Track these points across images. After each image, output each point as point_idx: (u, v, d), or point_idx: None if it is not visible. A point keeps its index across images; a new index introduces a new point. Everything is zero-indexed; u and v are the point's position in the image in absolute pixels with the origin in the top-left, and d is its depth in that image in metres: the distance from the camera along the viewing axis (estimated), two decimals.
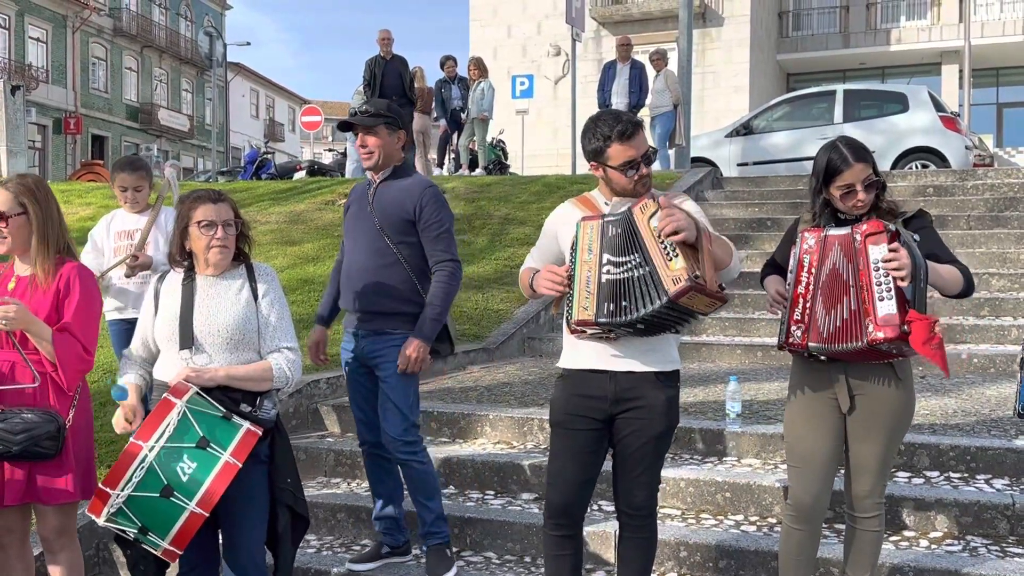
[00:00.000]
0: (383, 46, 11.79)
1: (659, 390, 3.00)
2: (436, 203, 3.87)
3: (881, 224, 2.90)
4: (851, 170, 3.00)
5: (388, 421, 3.88)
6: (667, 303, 2.71)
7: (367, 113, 3.90)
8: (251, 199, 10.79)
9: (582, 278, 2.89)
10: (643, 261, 2.78)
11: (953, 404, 5.11)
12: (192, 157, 41.24)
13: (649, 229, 2.78)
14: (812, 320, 3.00)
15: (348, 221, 4.03)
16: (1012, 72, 28.77)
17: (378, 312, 3.87)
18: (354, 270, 3.89)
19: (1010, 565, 3.54)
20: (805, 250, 3.04)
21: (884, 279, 2.86)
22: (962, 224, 8.50)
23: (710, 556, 3.83)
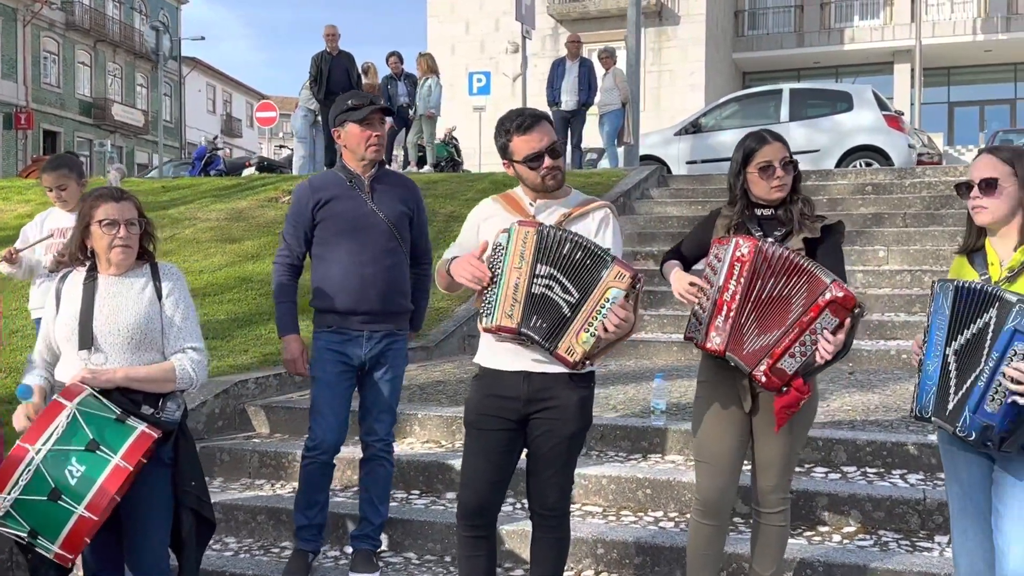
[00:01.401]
0: (329, 42, 11.70)
1: (572, 391, 3.00)
2: (423, 200, 4.03)
3: (852, 300, 2.83)
4: (769, 146, 3.06)
5: (381, 421, 3.88)
6: (549, 352, 2.87)
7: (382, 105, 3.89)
8: (194, 196, 10.67)
9: (509, 283, 2.86)
10: (575, 306, 2.82)
11: (876, 400, 5.18)
12: (147, 153, 40.65)
13: (603, 293, 2.79)
14: (738, 334, 2.95)
15: (334, 218, 3.79)
16: (962, 71, 29.28)
17: (394, 312, 3.84)
18: (367, 270, 3.77)
19: (917, 559, 3.59)
20: (737, 257, 2.94)
21: (809, 342, 2.87)
22: (898, 222, 8.63)
23: (627, 553, 3.85)
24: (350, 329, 3.80)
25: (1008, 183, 2.60)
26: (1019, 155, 2.65)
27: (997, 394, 2.38)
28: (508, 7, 26.03)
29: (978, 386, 2.43)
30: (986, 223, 2.65)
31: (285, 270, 3.91)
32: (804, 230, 3.05)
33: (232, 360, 5.90)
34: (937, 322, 2.58)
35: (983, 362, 2.43)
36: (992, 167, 2.63)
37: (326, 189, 3.85)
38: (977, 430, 2.43)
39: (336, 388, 3.82)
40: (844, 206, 9.39)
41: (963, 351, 2.50)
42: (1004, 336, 2.37)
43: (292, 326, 3.89)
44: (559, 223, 2.98)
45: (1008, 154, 2.65)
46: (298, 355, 3.88)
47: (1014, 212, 2.61)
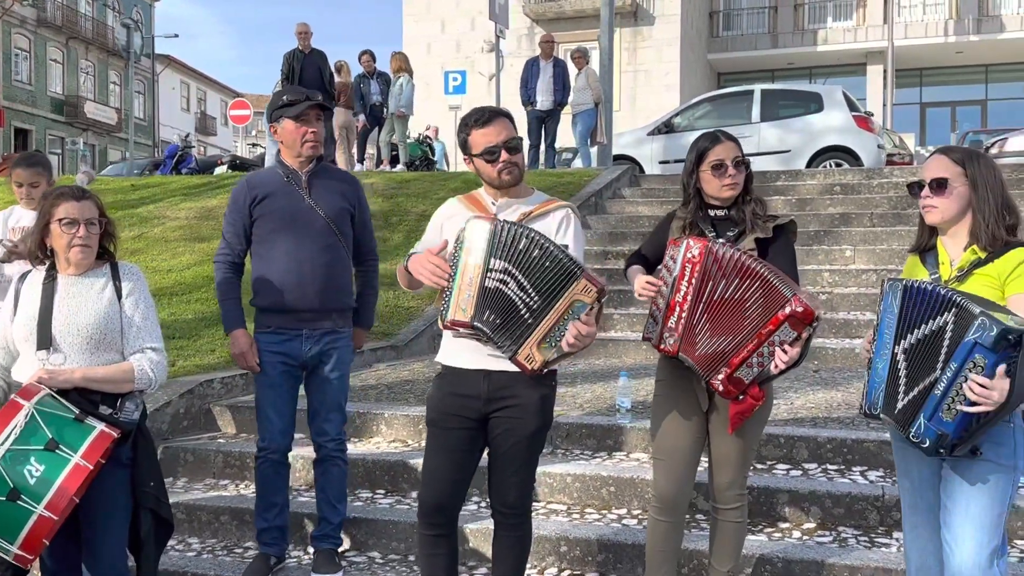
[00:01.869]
0: (301, 40, 11.66)
1: (532, 389, 3.00)
2: (365, 196, 3.98)
3: (812, 315, 2.85)
4: (721, 146, 3.10)
5: (331, 421, 3.85)
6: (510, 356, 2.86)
7: (318, 100, 3.83)
8: (164, 194, 10.60)
9: (464, 277, 2.86)
10: (537, 313, 2.80)
11: (839, 397, 5.24)
12: (120, 151, 40.29)
13: (568, 305, 2.78)
14: (691, 336, 2.98)
15: (271, 215, 3.77)
16: (934, 72, 29.57)
17: (333, 309, 3.81)
18: (307, 267, 3.74)
19: (875, 555, 3.64)
20: (688, 259, 2.95)
21: (767, 352, 2.89)
22: (865, 222, 8.71)
23: (590, 550, 3.87)
24: (289, 328, 3.78)
25: (958, 183, 2.63)
26: (970, 156, 2.68)
27: (953, 404, 2.40)
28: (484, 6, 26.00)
29: (934, 394, 2.44)
30: (936, 222, 2.69)
31: (226, 268, 3.88)
32: (756, 230, 3.08)
33: (199, 360, 5.88)
34: (887, 320, 2.61)
35: (939, 370, 2.44)
36: (943, 167, 2.66)
37: (263, 186, 3.82)
38: (932, 438, 2.45)
39: (279, 389, 3.80)
40: (813, 206, 9.47)
41: (913, 351, 2.52)
42: (964, 348, 2.37)
43: (238, 320, 3.85)
44: (519, 222, 2.98)
45: (959, 155, 2.68)
46: (247, 348, 3.83)
47: (964, 212, 2.65)
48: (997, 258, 2.56)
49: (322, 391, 3.85)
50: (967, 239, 2.65)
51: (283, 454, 3.86)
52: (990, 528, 2.52)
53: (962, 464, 2.56)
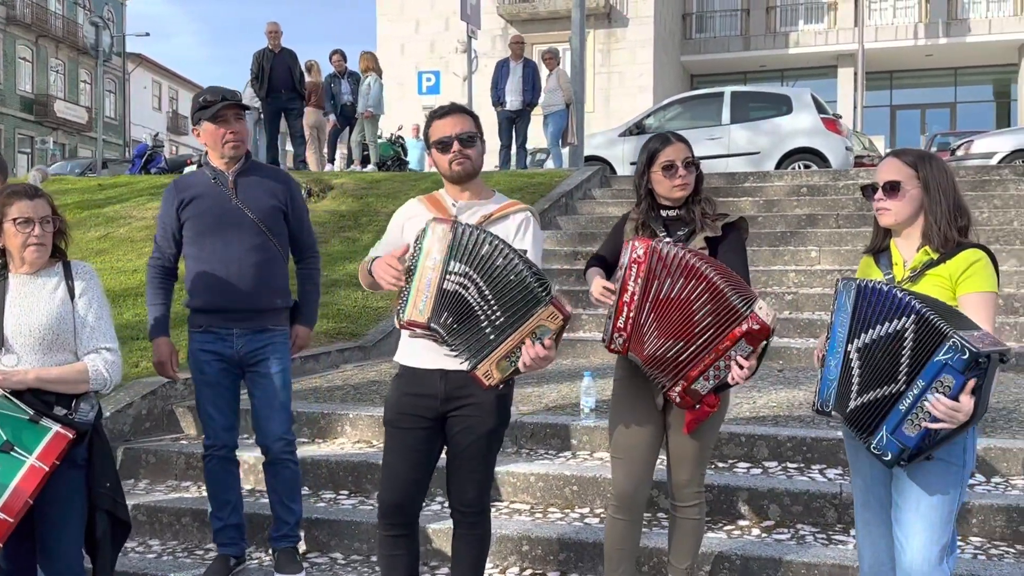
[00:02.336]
0: (271, 39, 11.61)
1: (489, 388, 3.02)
2: (300, 193, 3.94)
3: (768, 331, 2.87)
4: (672, 147, 3.16)
5: (274, 420, 3.81)
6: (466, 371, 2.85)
7: (235, 97, 3.79)
8: (131, 194, 10.51)
9: (422, 279, 2.86)
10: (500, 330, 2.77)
11: (800, 396, 5.29)
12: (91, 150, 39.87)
13: (531, 327, 2.76)
14: (639, 335, 3.00)
15: (198, 217, 3.76)
16: (904, 75, 29.89)
17: (264, 309, 3.78)
18: (233, 267, 3.72)
19: (832, 552, 3.68)
20: (633, 259, 2.99)
21: (723, 368, 2.91)
22: (831, 223, 8.79)
23: (551, 549, 3.88)
24: (219, 328, 3.77)
25: (911, 186, 2.67)
26: (923, 158, 2.72)
27: (917, 419, 2.42)
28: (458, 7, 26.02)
29: (898, 409, 2.45)
30: (889, 224, 2.72)
31: (155, 272, 3.90)
32: (706, 229, 3.12)
33: None
34: (840, 319, 2.64)
35: (904, 383, 2.44)
36: (896, 170, 2.69)
37: (189, 188, 3.82)
38: (894, 451, 2.47)
39: (217, 387, 3.80)
40: (780, 207, 9.55)
41: (868, 352, 2.53)
42: (933, 367, 2.38)
43: (161, 329, 3.87)
44: (479, 224, 2.99)
45: (912, 157, 2.72)
46: (166, 358, 3.85)
47: (917, 214, 2.68)
48: (949, 259, 2.60)
49: (261, 391, 3.81)
50: (920, 240, 2.69)
51: (230, 450, 3.86)
52: (940, 525, 2.55)
53: (913, 463, 2.59)
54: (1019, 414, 4.81)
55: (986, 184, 9.69)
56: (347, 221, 9.51)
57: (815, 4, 28.77)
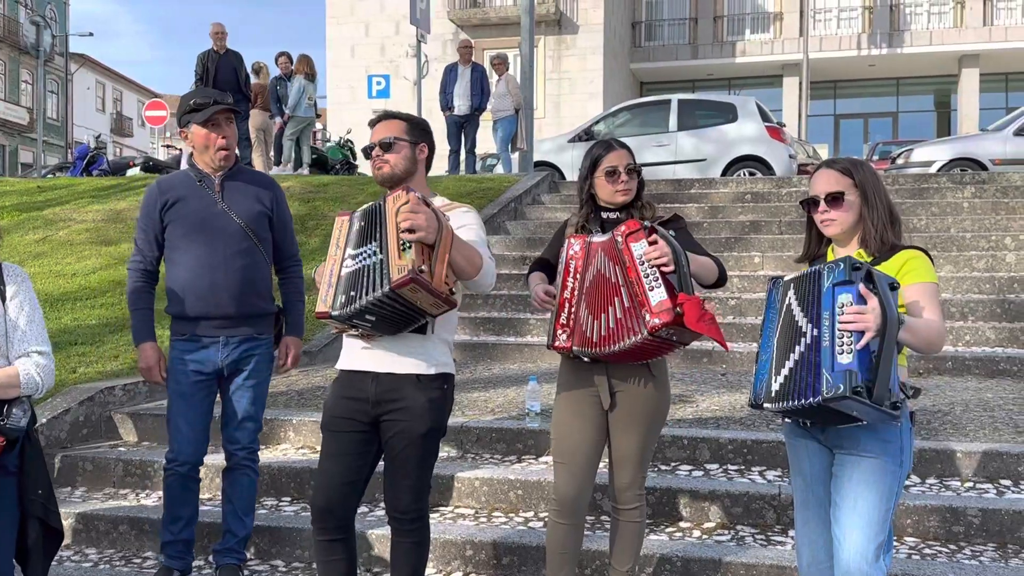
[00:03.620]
0: (216, 40, 11.46)
1: (420, 392, 3.00)
2: (285, 199, 3.90)
3: (637, 223, 3.01)
4: (615, 153, 3.23)
5: (243, 429, 3.76)
6: (388, 291, 2.70)
7: (228, 102, 3.73)
8: (71, 196, 10.29)
9: (327, 273, 2.90)
10: (378, 249, 2.78)
11: (742, 400, 5.36)
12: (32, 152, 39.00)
13: (394, 220, 2.77)
14: (577, 324, 3.08)
15: (182, 220, 3.68)
16: (848, 85, 30.48)
17: (250, 315, 3.72)
18: (221, 272, 3.64)
19: (770, 553, 3.73)
20: (571, 256, 3.11)
21: (651, 271, 2.95)
22: (774, 229, 8.94)
23: (495, 554, 3.88)
24: (204, 335, 3.69)
25: (851, 194, 2.74)
26: (855, 165, 2.79)
27: (844, 345, 2.46)
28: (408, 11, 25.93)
29: (823, 347, 2.48)
30: (835, 234, 2.78)
31: (138, 276, 3.80)
32: None
33: (101, 366, 5.72)
34: (770, 315, 2.71)
35: (811, 330, 2.51)
36: (836, 181, 2.75)
37: (174, 190, 3.74)
38: (842, 381, 2.42)
39: (191, 400, 3.71)
40: (724, 213, 9.68)
41: (781, 334, 2.62)
42: (826, 296, 2.48)
43: (147, 333, 3.78)
44: None
45: (845, 165, 2.79)
46: (154, 363, 3.77)
47: (859, 221, 2.75)
48: (885, 260, 2.68)
49: (236, 399, 3.76)
50: (857, 245, 2.75)
51: (193, 467, 3.76)
52: (877, 524, 2.60)
53: (851, 461, 2.64)
54: (954, 416, 4.93)
55: (924, 192, 9.92)
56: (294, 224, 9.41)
57: (761, 14, 29.21)
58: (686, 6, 29.45)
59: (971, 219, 8.75)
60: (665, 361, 3.26)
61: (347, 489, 3.06)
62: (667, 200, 10.00)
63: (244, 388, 3.75)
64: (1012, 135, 12.19)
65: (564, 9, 25.58)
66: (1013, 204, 9.09)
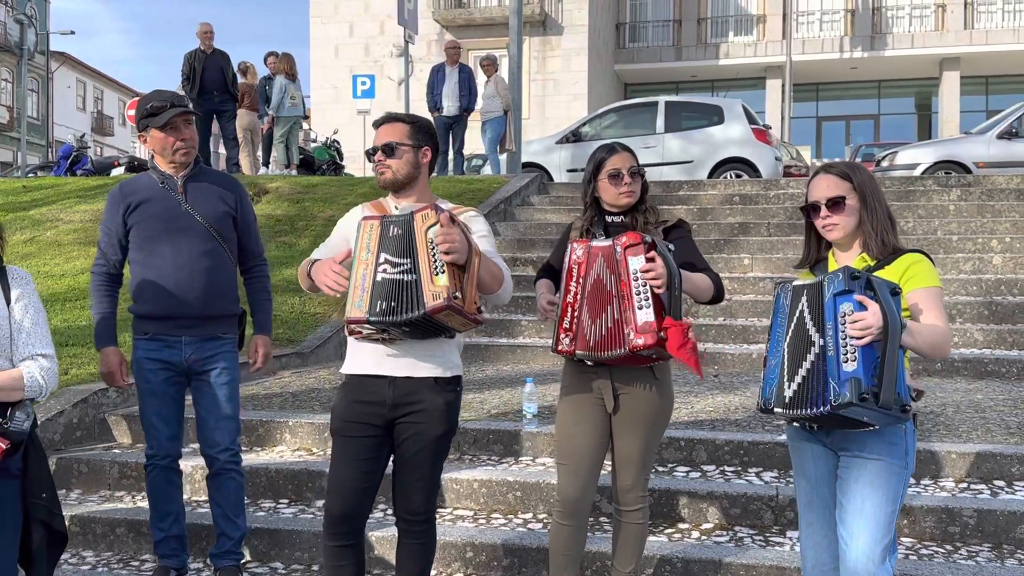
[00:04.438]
0: (204, 40, 11.41)
1: (437, 395, 3.01)
2: (248, 199, 3.88)
3: (639, 236, 3.02)
4: (618, 156, 3.26)
5: (221, 429, 3.73)
6: (423, 315, 2.74)
7: (183, 103, 3.70)
8: (57, 196, 10.22)
9: (358, 276, 2.87)
10: (412, 268, 2.78)
11: (736, 401, 5.40)
12: (11, 151, 38.62)
13: (424, 239, 2.78)
14: (579, 329, 3.10)
15: (147, 222, 3.67)
16: (830, 87, 30.70)
17: (212, 316, 3.70)
18: (183, 273, 3.63)
19: (769, 553, 3.76)
20: (574, 260, 3.13)
21: (643, 288, 2.99)
22: (763, 231, 8.99)
23: (495, 555, 3.89)
24: (167, 335, 3.68)
25: (852, 199, 2.76)
26: (852, 169, 2.83)
27: (849, 353, 2.49)
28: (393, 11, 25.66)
29: (829, 357, 2.51)
30: (838, 238, 2.80)
31: (101, 280, 3.79)
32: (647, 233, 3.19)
33: (93, 368, 5.68)
34: (778, 320, 2.72)
35: (819, 338, 2.54)
36: (836, 186, 2.78)
37: (137, 192, 3.73)
38: (848, 389, 2.45)
39: (162, 396, 3.71)
40: (713, 215, 9.73)
41: (792, 342, 2.64)
42: (829, 307, 2.52)
43: (108, 338, 3.77)
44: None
45: (842, 169, 2.82)
46: (116, 368, 3.76)
47: (859, 224, 2.78)
48: (888, 264, 2.70)
49: (208, 400, 3.74)
50: (859, 249, 2.78)
51: (173, 459, 3.77)
52: (883, 525, 2.63)
53: (857, 464, 2.67)
54: (946, 418, 4.99)
55: (911, 194, 10.01)
56: (283, 226, 9.40)
57: (745, 17, 29.37)
58: (670, 8, 29.58)
59: (957, 221, 8.85)
60: (668, 364, 3.27)
61: (363, 494, 3.06)
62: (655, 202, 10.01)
63: (215, 388, 3.73)
64: (995, 138, 12.32)
65: (549, 10, 25.62)
66: (998, 207, 9.20)
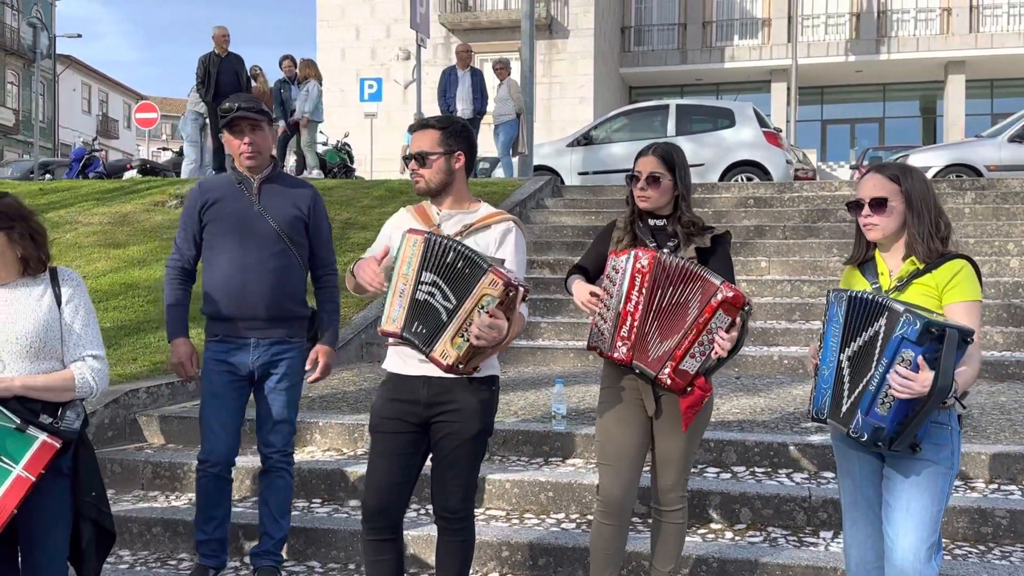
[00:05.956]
0: (219, 43, 11.45)
1: (472, 394, 3.05)
2: (323, 205, 3.94)
3: (743, 298, 3.00)
4: (642, 159, 3.29)
5: (277, 432, 3.79)
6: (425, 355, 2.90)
7: (251, 108, 3.73)
8: (74, 199, 10.26)
9: (397, 288, 2.91)
10: (447, 311, 2.83)
11: (763, 403, 5.43)
12: (17, 153, 38.70)
13: (477, 300, 2.80)
14: (643, 342, 3.10)
15: (218, 220, 3.74)
16: (835, 91, 30.72)
17: (279, 318, 3.73)
18: (251, 273, 3.68)
19: (804, 554, 3.79)
20: (637, 269, 3.07)
21: (707, 340, 3.02)
22: (778, 234, 9.03)
23: (530, 555, 3.93)
24: (236, 336, 3.73)
25: (896, 201, 2.77)
26: (904, 172, 2.82)
27: (887, 398, 2.53)
28: (399, 14, 25.94)
29: (869, 390, 2.57)
30: (877, 239, 2.83)
31: (175, 274, 3.86)
32: (695, 240, 3.21)
33: (121, 369, 5.72)
34: (832, 330, 2.74)
35: (873, 367, 2.58)
36: (881, 187, 2.80)
37: (214, 191, 3.81)
38: (868, 431, 2.57)
39: (223, 399, 3.75)
40: (728, 218, 9.77)
41: (855, 357, 2.65)
42: (892, 344, 2.52)
43: (180, 329, 3.83)
44: (458, 234, 3.04)
45: (893, 172, 2.82)
46: (185, 358, 3.81)
47: (903, 227, 2.79)
48: (935, 269, 2.72)
49: (269, 402, 3.78)
50: (904, 251, 2.80)
51: (224, 467, 3.79)
52: (930, 525, 2.67)
53: (903, 463, 2.70)
54: (973, 419, 5.02)
55: None
56: None
57: (750, 20, 29.42)
58: (675, 11, 29.63)
59: (973, 225, 8.88)
60: None
61: (399, 489, 3.11)
62: None
63: (277, 391, 3.78)
64: (1006, 141, 12.34)
65: (555, 14, 25.68)
66: (1014, 210, 9.23)
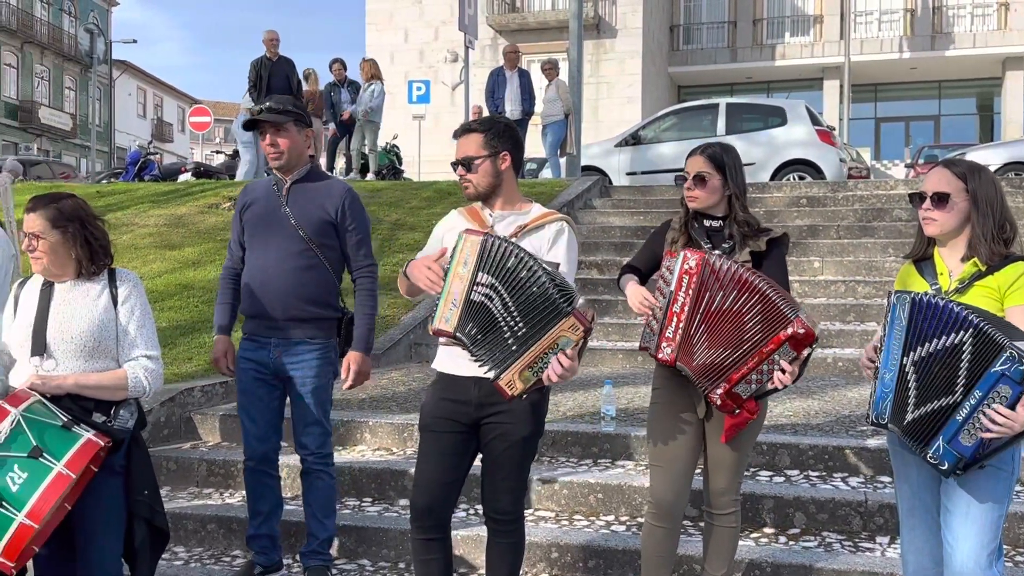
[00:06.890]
0: (269, 47, 11.60)
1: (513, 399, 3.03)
2: (357, 206, 3.86)
3: (813, 334, 2.92)
4: (691, 158, 3.24)
5: (308, 434, 3.80)
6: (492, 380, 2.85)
7: (274, 110, 3.76)
8: (130, 201, 10.47)
9: (451, 288, 2.89)
10: (521, 340, 2.79)
11: (816, 406, 5.34)
12: (75, 157, 39.65)
13: (553, 340, 2.78)
14: (689, 346, 3.04)
15: (251, 222, 3.81)
16: (889, 88, 30.19)
17: (298, 318, 3.73)
18: (270, 273, 3.71)
19: (860, 559, 3.72)
20: (685, 270, 3.02)
21: (767, 369, 2.95)
22: (832, 234, 8.88)
23: (580, 556, 3.90)
24: (260, 335, 3.78)
25: (959, 198, 2.68)
26: (972, 171, 2.72)
27: (973, 429, 2.46)
28: (447, 16, 26.08)
29: (955, 419, 2.49)
30: (934, 234, 2.74)
31: (225, 274, 3.98)
32: (749, 243, 3.14)
33: (176, 368, 5.82)
34: (894, 332, 2.64)
35: (961, 395, 2.48)
36: (946, 182, 2.71)
37: (251, 193, 3.90)
38: (951, 460, 2.51)
39: (251, 396, 3.80)
40: (780, 218, 9.63)
41: (924, 365, 2.56)
42: (990, 377, 2.42)
43: (220, 327, 3.93)
44: (513, 235, 3.02)
45: (961, 169, 2.72)
46: (220, 354, 3.88)
47: (963, 225, 2.70)
48: (997, 271, 2.63)
49: (298, 404, 3.81)
50: (964, 251, 2.70)
51: (260, 461, 3.83)
52: (990, 530, 2.59)
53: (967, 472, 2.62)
54: None
55: None
56: None
57: (801, 17, 29.04)
58: (725, 9, 29.37)
59: None
60: None
61: (447, 488, 3.10)
62: None
63: (303, 394, 3.78)
64: None
65: (603, 13, 25.61)
66: None
